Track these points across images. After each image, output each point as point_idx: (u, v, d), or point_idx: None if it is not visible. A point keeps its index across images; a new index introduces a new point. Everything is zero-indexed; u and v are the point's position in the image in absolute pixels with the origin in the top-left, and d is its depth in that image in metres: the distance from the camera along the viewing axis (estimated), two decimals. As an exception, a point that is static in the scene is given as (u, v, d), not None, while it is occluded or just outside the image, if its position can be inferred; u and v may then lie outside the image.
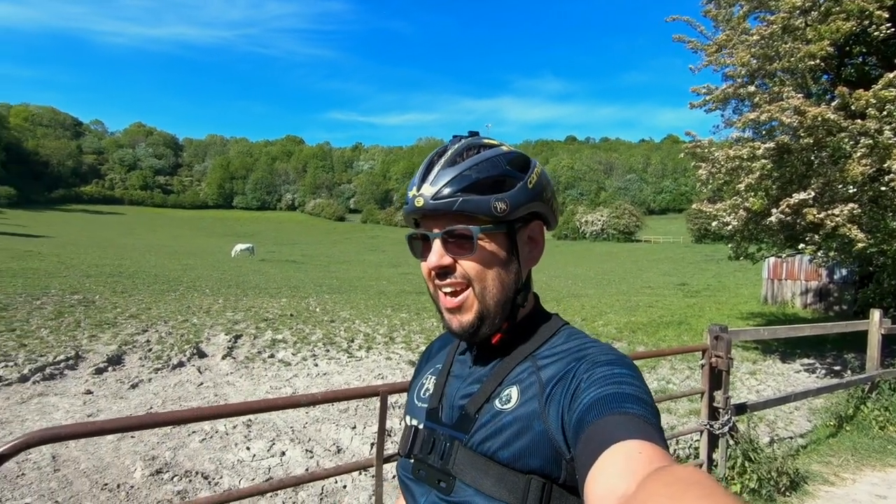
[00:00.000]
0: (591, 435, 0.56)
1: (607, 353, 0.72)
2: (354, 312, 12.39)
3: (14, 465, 3.64)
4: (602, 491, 0.48)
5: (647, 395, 0.64)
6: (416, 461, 0.76)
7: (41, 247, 30.53)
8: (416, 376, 0.92)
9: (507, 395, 0.73)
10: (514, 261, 0.78)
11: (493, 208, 0.73)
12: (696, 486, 0.38)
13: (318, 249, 59.32)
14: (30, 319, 8.97)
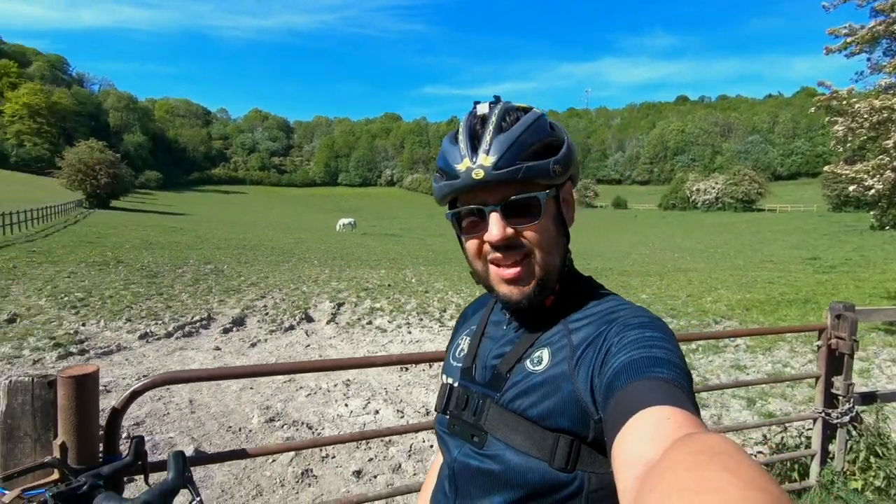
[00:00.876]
0: (621, 399, 0.55)
1: (639, 315, 0.71)
2: (448, 284, 12.72)
3: (161, 404, 4.36)
4: (629, 456, 0.47)
5: (679, 358, 0.62)
6: (451, 417, 0.80)
7: (182, 223, 35.15)
8: (452, 338, 0.95)
9: (539, 356, 0.74)
10: (561, 223, 0.79)
11: (553, 172, 0.73)
12: (721, 456, 0.37)
13: (415, 223, 61.32)
14: (174, 285, 10.46)
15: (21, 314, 7.33)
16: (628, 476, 0.45)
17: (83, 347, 5.95)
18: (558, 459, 0.67)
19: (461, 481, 0.75)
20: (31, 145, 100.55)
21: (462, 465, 0.75)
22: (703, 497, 0.33)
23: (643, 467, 0.44)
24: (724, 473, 0.35)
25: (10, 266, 11.97)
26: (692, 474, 0.36)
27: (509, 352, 0.78)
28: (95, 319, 7.28)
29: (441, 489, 0.80)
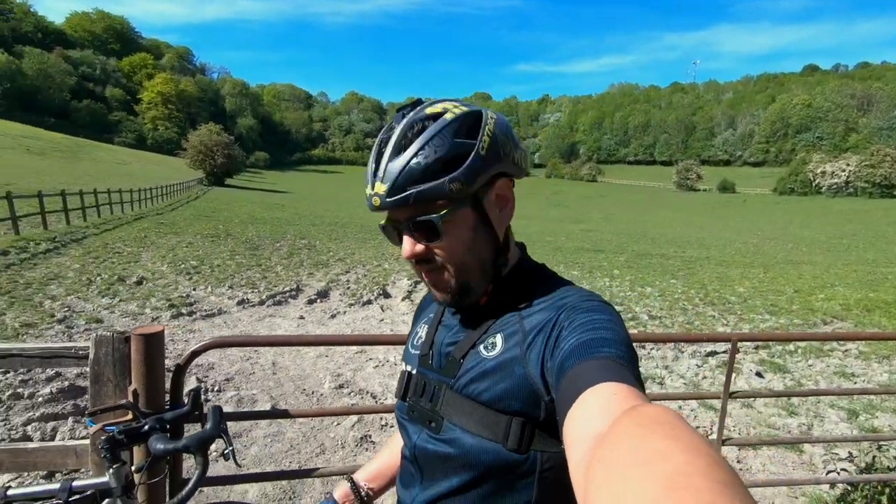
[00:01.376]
0: (571, 379, 0.57)
1: (588, 299, 0.73)
2: (526, 267, 12.58)
3: (248, 364, 4.86)
4: (578, 431, 0.49)
5: (625, 339, 0.64)
6: (409, 403, 0.83)
7: (284, 201, 38.05)
8: (412, 325, 0.97)
9: (492, 342, 0.76)
10: (485, 228, 0.77)
11: (449, 191, 0.71)
12: (665, 426, 0.39)
13: (500, 204, 60.77)
14: (271, 258, 11.44)
15: (147, 277, 8.48)
16: (578, 451, 0.47)
17: (192, 309, 6.77)
18: (511, 441, 0.69)
19: (423, 464, 0.79)
20: (164, 129, 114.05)
21: (421, 449, 0.78)
22: (651, 465, 0.34)
23: (592, 441, 0.45)
24: (668, 441, 0.36)
25: (142, 236, 13.81)
26: (638, 443, 0.38)
27: (463, 339, 0.80)
28: (204, 285, 8.22)
29: (407, 471, 0.85)
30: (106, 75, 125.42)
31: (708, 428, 3.97)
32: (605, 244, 20.61)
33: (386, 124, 0.78)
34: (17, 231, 12.02)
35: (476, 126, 0.74)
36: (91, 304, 6.75)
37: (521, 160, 0.80)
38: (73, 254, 10.42)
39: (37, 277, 7.99)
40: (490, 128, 0.74)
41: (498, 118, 0.78)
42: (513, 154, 0.77)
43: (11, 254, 9.92)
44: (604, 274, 11.78)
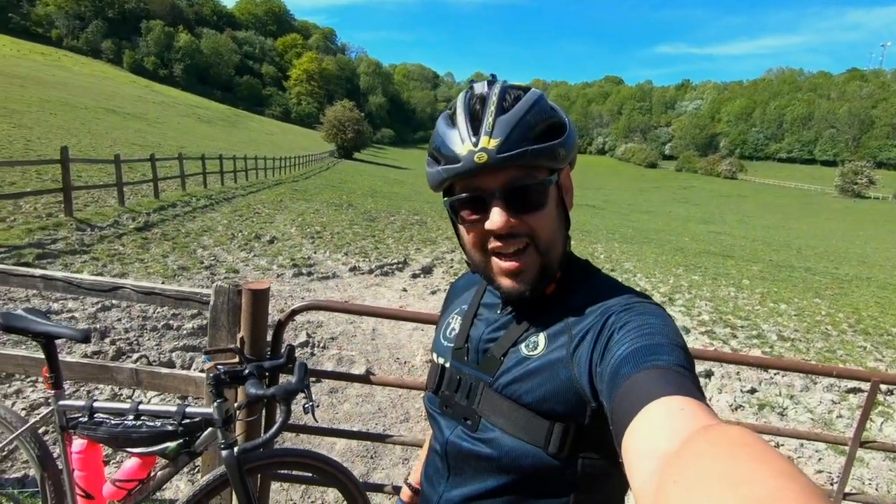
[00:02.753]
0: (629, 389, 0.53)
1: (639, 301, 0.68)
2: (639, 265, 11.79)
3: (351, 327, 5.24)
4: (644, 447, 0.45)
5: (683, 345, 0.60)
6: (443, 398, 0.80)
7: (403, 177, 39.84)
8: (442, 315, 0.93)
9: (535, 341, 0.72)
10: (563, 209, 0.76)
11: (558, 154, 0.69)
12: (748, 447, 0.35)
13: (621, 196, 57.47)
14: (384, 230, 12.10)
15: (278, 238, 9.49)
16: (645, 469, 0.43)
17: (310, 271, 7.45)
18: (553, 446, 0.67)
19: (453, 461, 0.77)
20: (306, 104, 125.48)
21: (455, 446, 0.76)
22: (736, 488, 0.31)
23: (660, 460, 0.42)
24: (755, 463, 0.33)
25: (279, 200, 15.43)
26: (720, 465, 0.34)
27: (503, 336, 0.76)
28: (323, 250, 8.98)
29: (433, 465, 0.83)
30: (263, 54, 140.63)
31: (834, 476, 3.43)
32: (736, 250, 18.48)
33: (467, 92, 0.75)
34: (184, 187, 14.14)
35: (559, 108, 0.74)
36: (232, 255, 7.76)
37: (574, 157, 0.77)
38: (223, 211, 12.01)
39: (194, 229, 9.36)
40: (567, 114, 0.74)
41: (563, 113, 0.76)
42: (575, 148, 0.75)
43: (178, 206, 11.72)
44: (730, 283, 10.60)
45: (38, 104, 34.91)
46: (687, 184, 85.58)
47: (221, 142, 40.41)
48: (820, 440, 2.13)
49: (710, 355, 1.93)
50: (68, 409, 1.57)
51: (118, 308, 4.79)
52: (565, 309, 0.73)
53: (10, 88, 39.69)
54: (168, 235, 8.47)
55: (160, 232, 8.68)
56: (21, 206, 8.86)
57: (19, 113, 28.58)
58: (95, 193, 11.14)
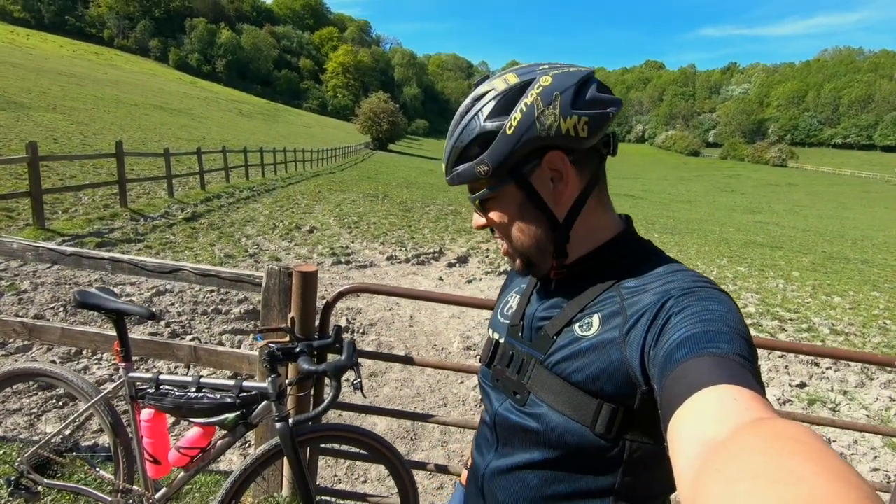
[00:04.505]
0: (681, 374, 0.52)
1: (702, 285, 0.66)
2: (681, 257, 11.44)
3: (389, 314, 5.34)
4: (689, 434, 0.44)
5: (746, 334, 0.57)
6: (495, 371, 0.83)
7: (437, 167, 39.82)
8: (501, 293, 0.96)
9: (589, 322, 0.72)
10: (535, 205, 0.75)
11: (478, 173, 0.73)
12: (802, 445, 0.33)
13: (660, 185, 55.70)
14: (420, 220, 12.20)
15: (317, 227, 9.73)
16: (686, 455, 0.42)
17: (348, 259, 7.62)
18: (600, 425, 0.67)
19: (502, 432, 0.79)
20: (342, 96, 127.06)
21: (503, 418, 0.78)
22: (783, 487, 0.29)
23: (706, 447, 0.41)
24: (806, 462, 0.31)
25: (317, 191, 15.77)
26: (768, 460, 0.33)
27: (558, 314, 0.77)
28: (361, 239, 9.15)
29: (483, 435, 0.86)
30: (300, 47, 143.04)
31: (891, 475, 3.28)
32: (785, 241, 17.64)
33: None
34: (227, 179, 14.65)
35: (514, 101, 0.71)
36: (274, 244, 8.02)
37: (580, 129, 0.70)
38: (264, 201, 12.40)
39: (238, 219, 9.71)
40: (529, 100, 0.69)
41: (552, 84, 0.70)
42: (560, 125, 0.69)
43: (223, 197, 12.17)
44: (778, 274, 10.16)
45: (93, 101, 36.81)
46: (732, 172, 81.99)
47: (262, 135, 41.54)
48: (878, 433, 2.05)
49: (760, 342, 1.88)
50: (137, 381, 1.69)
51: (171, 293, 5.05)
52: (623, 290, 0.72)
53: (68, 87, 41.99)
54: (214, 225, 8.83)
55: (207, 222, 9.06)
56: (81, 197, 9.42)
57: (77, 110, 30.21)
58: (147, 185, 11.71)
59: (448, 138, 0.77)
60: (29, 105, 26.96)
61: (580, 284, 0.77)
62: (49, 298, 4.59)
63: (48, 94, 33.84)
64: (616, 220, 0.81)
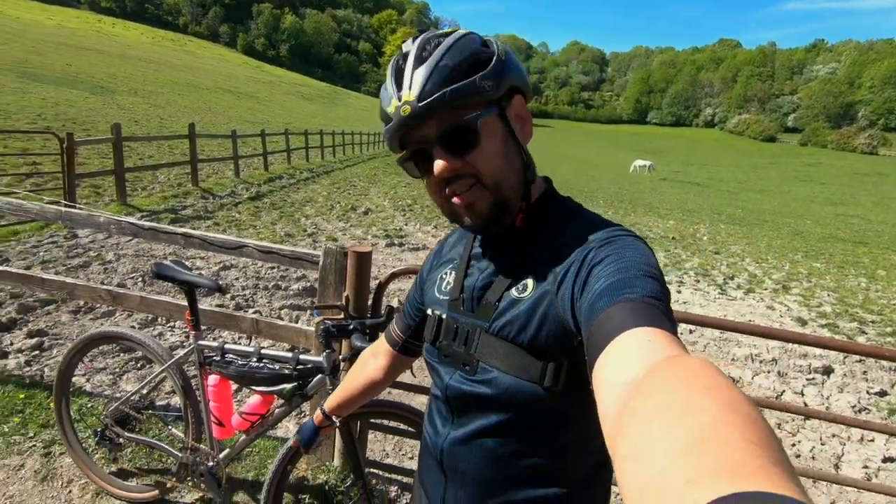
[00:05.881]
0: (602, 322, 0.54)
1: (617, 235, 0.69)
2: (749, 249, 10.76)
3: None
4: (609, 378, 0.47)
5: (659, 276, 0.61)
6: (441, 347, 0.83)
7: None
8: (431, 270, 0.94)
9: (524, 283, 0.74)
10: (513, 141, 0.76)
11: (482, 88, 0.70)
12: (702, 378, 0.37)
13: (729, 173, 52.34)
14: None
15: (372, 209, 9.95)
16: (608, 397, 0.45)
17: (402, 241, 7.75)
18: (547, 380, 0.69)
19: (455, 403, 0.80)
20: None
21: (455, 389, 0.79)
22: (681, 419, 0.33)
23: (623, 387, 0.44)
24: (704, 394, 0.35)
25: (373, 173, 16.09)
26: (672, 395, 0.36)
27: (495, 281, 0.78)
28: (414, 222, 9.27)
29: (436, 411, 0.85)
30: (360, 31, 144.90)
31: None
32: (871, 236, 16.14)
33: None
34: (289, 161, 15.23)
35: (488, 41, 0.76)
36: (331, 225, 8.28)
37: (528, 81, 0.79)
38: (323, 183, 12.80)
39: (298, 199, 10.10)
40: (499, 43, 0.75)
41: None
42: (523, 73, 0.77)
43: (284, 178, 12.68)
44: (861, 272, 9.33)
45: (169, 86, 39.17)
46: (813, 160, 75.55)
47: (322, 118, 42.70)
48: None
49: (835, 344, 1.74)
50: (205, 349, 1.82)
51: (236, 268, 5.35)
52: (550, 249, 0.74)
53: (148, 72, 44.92)
54: (276, 205, 9.23)
55: (269, 201, 9.49)
56: (157, 176, 10.11)
57: (154, 94, 32.28)
58: (215, 166, 12.38)
59: (410, 67, 0.71)
60: (114, 89, 29.11)
61: (512, 248, 0.79)
62: (130, 269, 4.99)
63: (130, 79, 36.37)
64: (540, 180, 0.83)
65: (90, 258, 5.12)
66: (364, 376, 1.09)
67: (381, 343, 1.08)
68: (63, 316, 3.82)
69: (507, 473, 0.76)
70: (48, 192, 6.74)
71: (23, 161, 8.66)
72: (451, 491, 0.81)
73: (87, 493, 2.08)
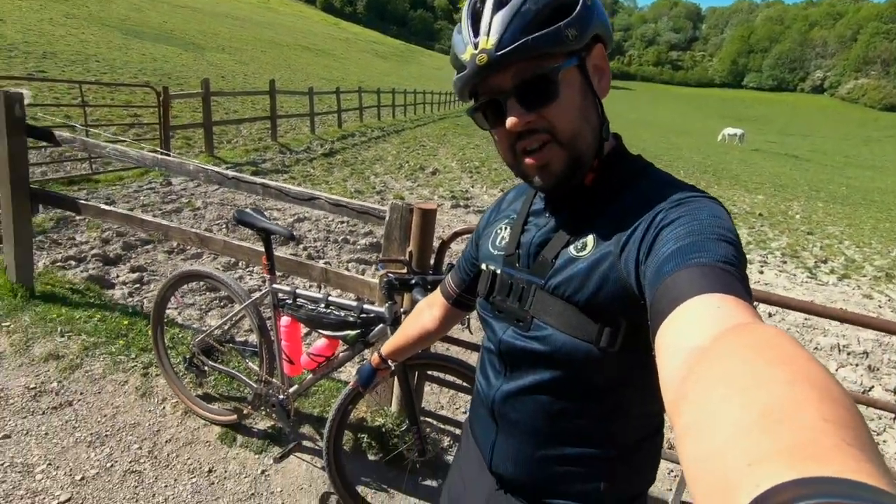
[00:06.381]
0: (668, 287, 0.51)
1: (692, 196, 0.64)
2: (849, 231, 9.73)
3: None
4: (673, 342, 0.45)
5: (735, 240, 0.56)
6: (494, 302, 0.82)
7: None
8: (487, 225, 0.92)
9: (584, 241, 0.71)
10: (591, 95, 0.71)
11: (566, 37, 0.65)
12: (775, 349, 0.34)
13: (835, 146, 46.87)
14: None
15: (439, 170, 9.97)
16: (671, 364, 0.43)
17: (467, 203, 7.74)
18: (604, 341, 0.67)
19: (508, 358, 0.80)
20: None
21: (508, 344, 0.78)
22: (750, 392, 0.30)
23: (688, 354, 0.41)
24: (777, 367, 0.32)
25: (443, 134, 16.01)
26: (741, 364, 0.34)
27: (553, 238, 0.75)
28: (481, 184, 9.20)
29: (489, 363, 0.86)
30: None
31: None
32: None
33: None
34: (361, 119, 15.50)
35: None
36: (399, 184, 8.42)
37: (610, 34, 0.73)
38: (393, 142, 12.95)
39: (368, 157, 10.32)
40: None
41: None
42: (606, 19, 0.72)
43: (356, 136, 12.96)
44: None
45: (252, 42, 40.66)
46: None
47: (395, 76, 42.76)
48: None
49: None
50: (279, 292, 1.95)
51: (309, 221, 5.62)
52: (615, 208, 0.70)
53: (234, 29, 46.83)
54: (348, 162, 9.49)
55: (342, 158, 9.77)
56: (241, 130, 10.68)
57: (239, 51, 33.69)
58: (293, 122, 12.86)
59: (489, 10, 0.66)
60: (204, 46, 30.70)
61: (574, 204, 0.76)
62: (216, 216, 5.40)
63: (218, 36, 38.13)
64: (613, 135, 0.78)
65: (182, 204, 5.59)
66: (419, 325, 1.13)
67: (436, 295, 1.10)
68: (159, 255, 4.23)
69: (557, 429, 0.76)
70: (147, 142, 7.35)
71: (126, 113, 9.45)
72: (501, 439, 0.83)
73: (178, 411, 2.35)
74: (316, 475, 2.10)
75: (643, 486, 0.82)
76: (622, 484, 0.78)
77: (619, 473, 0.77)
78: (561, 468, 0.77)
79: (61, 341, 2.70)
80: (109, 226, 4.48)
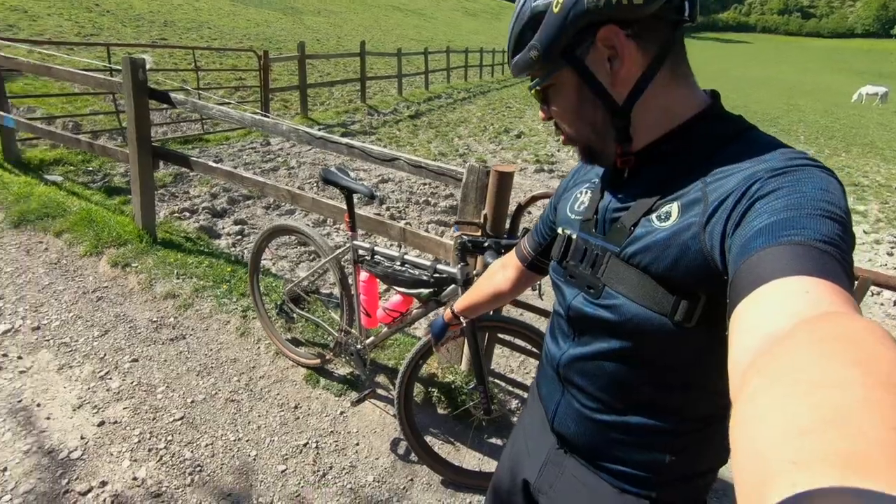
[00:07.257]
0: (753, 264, 0.46)
1: (798, 164, 0.56)
2: None
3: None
4: (747, 325, 0.41)
5: (839, 216, 0.49)
6: (567, 267, 0.80)
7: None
8: (567, 190, 0.91)
9: (667, 211, 0.66)
10: (593, 89, 0.69)
11: (531, 59, 0.69)
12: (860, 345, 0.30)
13: None
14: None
15: (525, 133, 9.70)
16: (741, 349, 0.39)
17: (551, 168, 7.49)
18: (679, 314, 0.64)
19: (577, 324, 0.79)
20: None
21: (577, 310, 0.77)
22: (817, 392, 0.27)
23: (761, 341, 0.38)
24: (853, 367, 0.28)
25: (529, 95, 15.47)
26: (814, 362, 0.30)
27: (634, 205, 0.71)
28: (567, 149, 8.82)
29: (558, 326, 0.85)
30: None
31: None
32: None
33: None
34: (448, 80, 15.37)
35: None
36: (482, 146, 8.33)
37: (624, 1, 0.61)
38: (478, 103, 12.74)
39: (453, 119, 10.27)
40: None
41: None
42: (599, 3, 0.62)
43: (442, 98, 12.91)
44: None
45: (346, 4, 41.36)
46: None
47: (483, 35, 41.61)
48: None
49: None
50: (359, 249, 2.05)
51: (392, 182, 5.78)
52: (706, 174, 0.64)
53: (329, -8, 47.78)
54: (432, 124, 9.53)
55: (427, 120, 9.82)
56: (333, 92, 11.07)
57: (334, 13, 34.43)
58: (381, 84, 13.08)
59: (511, 22, 0.73)
60: (302, 10, 31.81)
61: (658, 171, 0.70)
62: (307, 175, 5.72)
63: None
64: (699, 95, 0.71)
65: (279, 163, 5.98)
66: (491, 285, 1.14)
67: (511, 256, 1.10)
68: (258, 210, 4.60)
69: (623, 397, 0.75)
70: (249, 104, 7.89)
71: (233, 76, 10.16)
72: (566, 400, 0.84)
73: (270, 352, 2.60)
74: (388, 421, 2.24)
75: (714, 464, 0.80)
76: (688, 458, 0.76)
77: (684, 448, 0.75)
78: (622, 435, 0.77)
79: (177, 282, 3.07)
80: (217, 182, 4.93)
